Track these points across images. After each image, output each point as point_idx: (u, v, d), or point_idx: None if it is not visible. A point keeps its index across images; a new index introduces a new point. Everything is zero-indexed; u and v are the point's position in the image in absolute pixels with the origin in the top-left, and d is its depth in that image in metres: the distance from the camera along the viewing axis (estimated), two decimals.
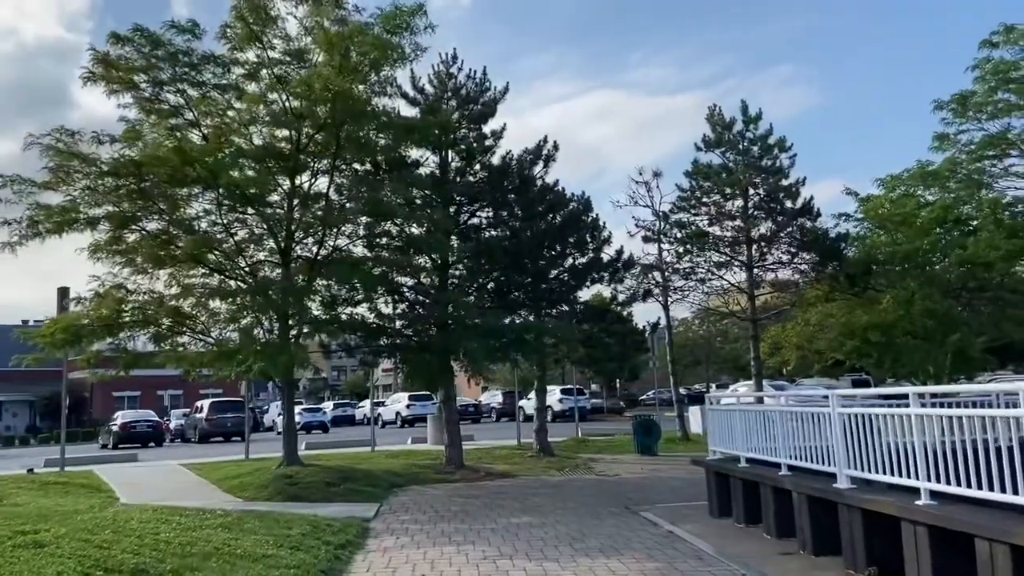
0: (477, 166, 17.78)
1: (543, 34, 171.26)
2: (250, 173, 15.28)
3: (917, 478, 6.82)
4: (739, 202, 23.21)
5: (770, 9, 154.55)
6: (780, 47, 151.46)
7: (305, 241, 16.38)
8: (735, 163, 23.27)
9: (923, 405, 7.10)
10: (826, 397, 8.88)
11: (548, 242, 18.08)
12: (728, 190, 22.65)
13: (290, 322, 15.84)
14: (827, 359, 27.42)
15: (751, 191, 22.64)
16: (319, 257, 15.70)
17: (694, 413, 28.57)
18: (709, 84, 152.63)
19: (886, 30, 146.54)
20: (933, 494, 6.70)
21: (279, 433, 45.74)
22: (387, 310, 16.99)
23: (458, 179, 17.47)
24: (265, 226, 16.26)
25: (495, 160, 17.99)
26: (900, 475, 7.08)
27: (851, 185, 25.98)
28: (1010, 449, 5.95)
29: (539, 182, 18.28)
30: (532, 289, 17.72)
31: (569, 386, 48.00)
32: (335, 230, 15.61)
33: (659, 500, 13.40)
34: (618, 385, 65.86)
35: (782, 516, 9.28)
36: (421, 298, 16.92)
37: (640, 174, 24.57)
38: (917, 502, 6.73)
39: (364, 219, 16.10)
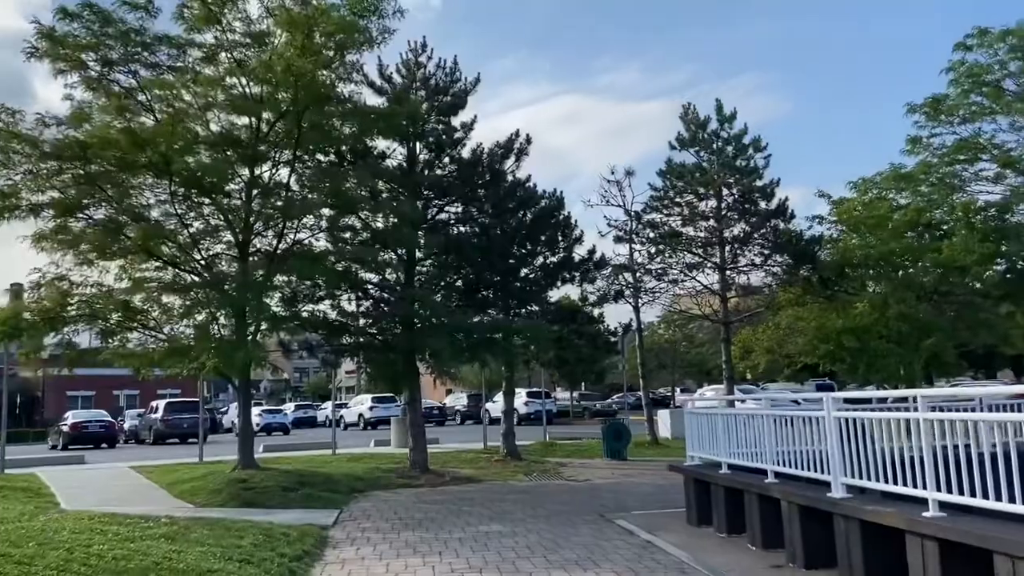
0: (446, 159, 17.10)
1: (512, 38, 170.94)
2: (206, 160, 14.42)
3: (924, 487, 6.32)
4: (712, 202, 22.88)
5: (735, 18, 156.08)
6: (745, 56, 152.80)
7: (265, 234, 15.58)
8: (709, 163, 22.92)
9: (933, 408, 6.59)
10: (797, 402, 8.43)
11: (519, 239, 17.46)
12: (702, 190, 22.28)
13: (247, 319, 15.02)
14: (797, 363, 27.24)
15: (725, 191, 22.28)
16: (278, 251, 14.89)
17: (662, 417, 28.22)
18: (677, 91, 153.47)
19: (853, 37, 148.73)
20: (942, 505, 6.20)
21: (237, 435, 44.93)
22: (350, 307, 16.25)
23: (426, 172, 16.76)
24: (222, 217, 15.42)
25: (465, 153, 17.35)
26: (905, 484, 6.57)
27: (822, 189, 25.80)
28: (1022, 456, 5.49)
29: (510, 177, 17.66)
30: (502, 288, 17.09)
31: (536, 389, 47.54)
32: (296, 222, 14.83)
33: (634, 507, 12.84)
34: (583, 388, 65.50)
35: (769, 526, 8.74)
36: (386, 295, 16.19)
37: (612, 173, 24.10)
38: (925, 514, 6.22)
39: (327, 211, 15.34)
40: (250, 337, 14.82)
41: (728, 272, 22.80)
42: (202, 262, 15.50)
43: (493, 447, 22.29)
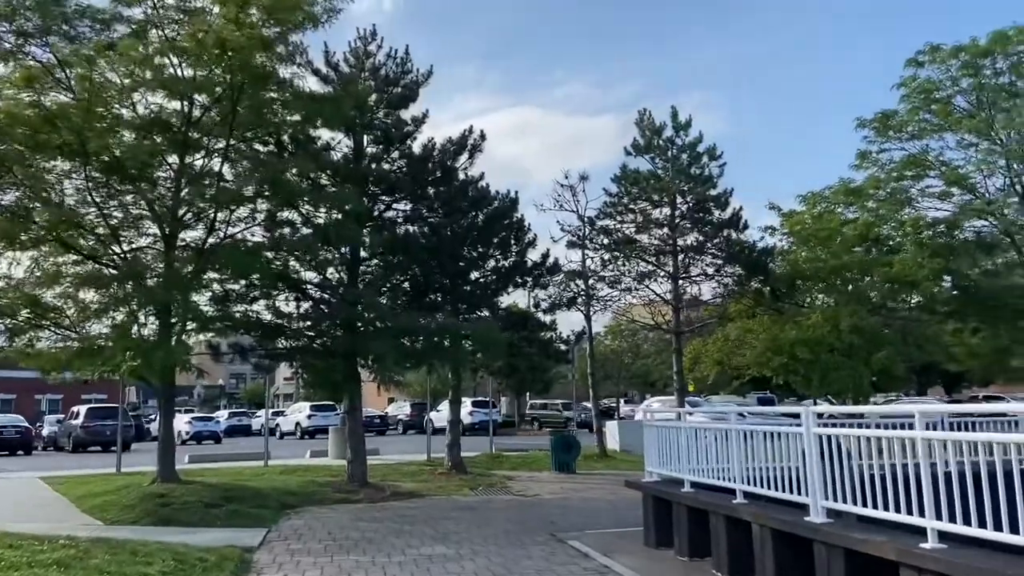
0: (395, 153, 16.14)
1: (464, 48, 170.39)
2: (129, 144, 13.23)
3: (922, 515, 5.66)
4: (666, 210, 22.39)
5: (682, 38, 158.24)
6: (691, 75, 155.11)
7: (195, 226, 14.42)
8: (664, 170, 22.45)
9: (931, 427, 5.96)
10: (743, 415, 7.77)
11: (470, 240, 16.59)
12: (656, 196, 21.75)
13: (173, 318, 13.83)
14: (745, 376, 26.93)
15: (679, 199, 21.81)
16: (208, 245, 13.75)
17: (611, 429, 27.56)
18: (624, 107, 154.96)
19: (797, 58, 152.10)
20: (942, 535, 5.55)
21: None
22: (288, 308, 15.14)
23: (373, 166, 15.78)
24: (147, 208, 14.22)
25: (415, 149, 16.39)
26: (898, 510, 5.91)
27: (773, 201, 25.53)
28: None
29: (463, 175, 16.79)
30: (451, 291, 16.18)
31: (481, 398, 46.58)
32: (229, 213, 13.70)
33: (587, 525, 12.06)
34: (528, 398, 64.81)
35: (738, 551, 8.03)
36: (327, 296, 15.14)
37: (566, 178, 23.43)
38: (923, 544, 5.56)
39: (264, 205, 14.26)
40: (173, 337, 13.64)
41: (680, 282, 22.32)
42: (124, 256, 14.24)
43: (437, 459, 21.31)
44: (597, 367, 25.21)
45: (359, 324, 13.69)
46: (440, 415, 45.70)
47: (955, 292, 20.30)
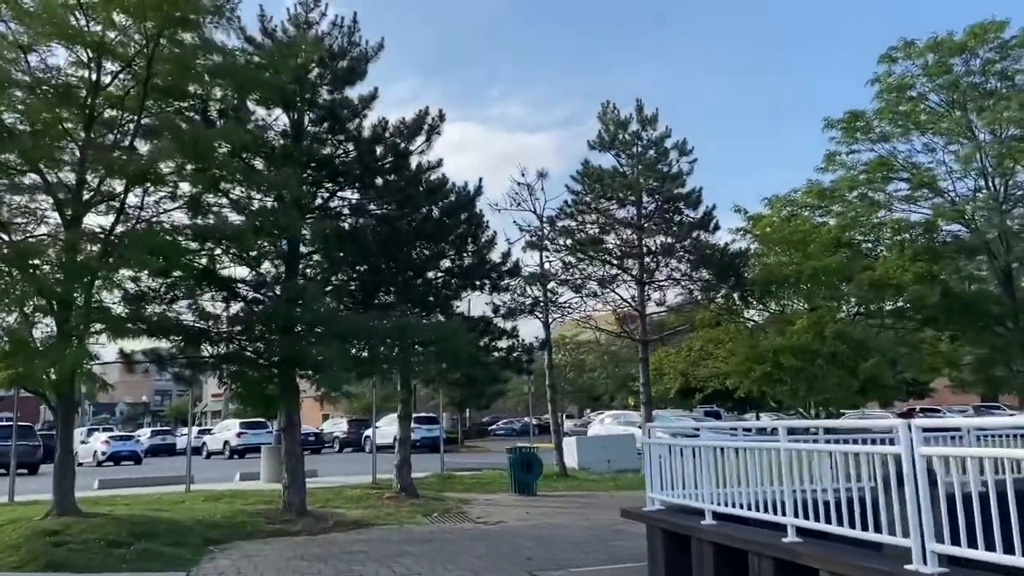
0: (341, 135, 14.15)
1: (401, 63, 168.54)
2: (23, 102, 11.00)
3: None
4: (632, 210, 20.89)
5: (615, 58, 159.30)
6: (627, 94, 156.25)
7: (101, 210, 12.17)
8: (630, 167, 20.96)
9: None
10: (697, 430, 6.14)
11: (426, 235, 14.66)
12: (622, 194, 20.23)
13: (73, 319, 11.55)
14: (708, 387, 25.60)
15: (645, 198, 20.33)
16: (117, 231, 11.53)
17: (568, 445, 25.83)
18: (560, 126, 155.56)
19: (745, 66, 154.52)
20: None
21: (80, 464, 39.35)
22: (214, 308, 12.95)
23: (316, 147, 13.76)
24: (43, 186, 11.94)
25: (365, 130, 14.41)
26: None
27: (738, 204, 24.43)
28: None
29: (417, 160, 14.88)
30: (404, 291, 14.20)
31: (424, 414, 44.37)
32: (143, 191, 11.53)
33: (571, 561, 10.27)
34: (468, 413, 62.81)
35: None
36: (260, 295, 13.02)
37: (523, 175, 21.74)
38: None
39: (187, 187, 12.11)
40: (74, 342, 11.36)
41: (647, 287, 20.80)
42: (15, 244, 11.91)
43: (383, 481, 19.22)
44: (540, 382, 23.55)
45: (298, 326, 11.60)
46: (380, 432, 43.51)
47: (943, 297, 19.33)
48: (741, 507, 7.26)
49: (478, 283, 16.48)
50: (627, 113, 21.17)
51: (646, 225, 20.01)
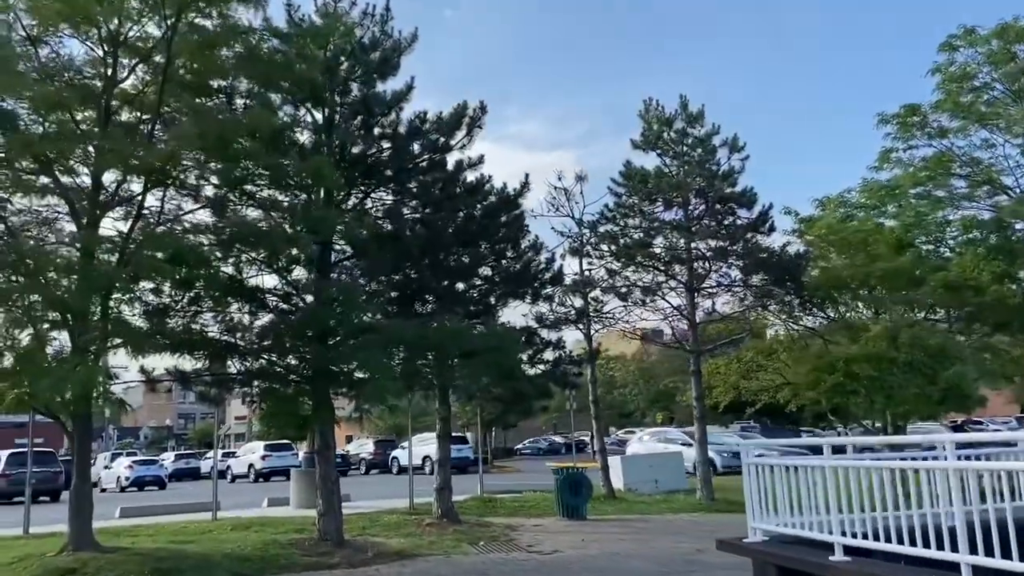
0: (376, 131, 13.03)
1: (420, 82, 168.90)
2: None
3: None
4: (679, 212, 19.62)
5: (629, 74, 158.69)
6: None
7: (117, 213, 11.13)
8: (679, 167, 19.71)
9: None
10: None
11: (469, 238, 13.45)
12: (669, 195, 18.97)
13: (88, 333, 10.48)
14: (759, 401, 24.18)
15: (693, 199, 19.06)
16: (133, 237, 10.45)
17: (615, 465, 24.40)
18: (581, 142, 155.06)
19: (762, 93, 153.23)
20: None
21: (103, 490, 38.38)
22: (242, 319, 11.83)
23: (347, 143, 12.62)
24: (56, 188, 10.92)
25: (400, 127, 13.26)
26: None
27: (788, 206, 23.20)
28: None
29: (457, 156, 13.70)
30: (445, 298, 12.97)
31: (455, 433, 43.08)
32: (163, 191, 10.47)
33: None
34: (494, 433, 61.44)
35: None
36: (290, 305, 11.86)
37: (560, 179, 20.55)
38: None
39: (212, 186, 11.06)
40: (91, 356, 10.28)
41: (696, 293, 19.48)
42: (27, 251, 10.87)
43: (420, 505, 18.00)
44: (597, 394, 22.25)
45: (336, 334, 10.40)
46: (406, 453, 42.19)
47: (1020, 299, 17.83)
48: (889, 540, 5.97)
49: (521, 291, 15.25)
50: (671, 110, 19.97)
51: (697, 226, 18.73)
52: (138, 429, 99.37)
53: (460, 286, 13.44)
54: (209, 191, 11.73)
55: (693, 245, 19.21)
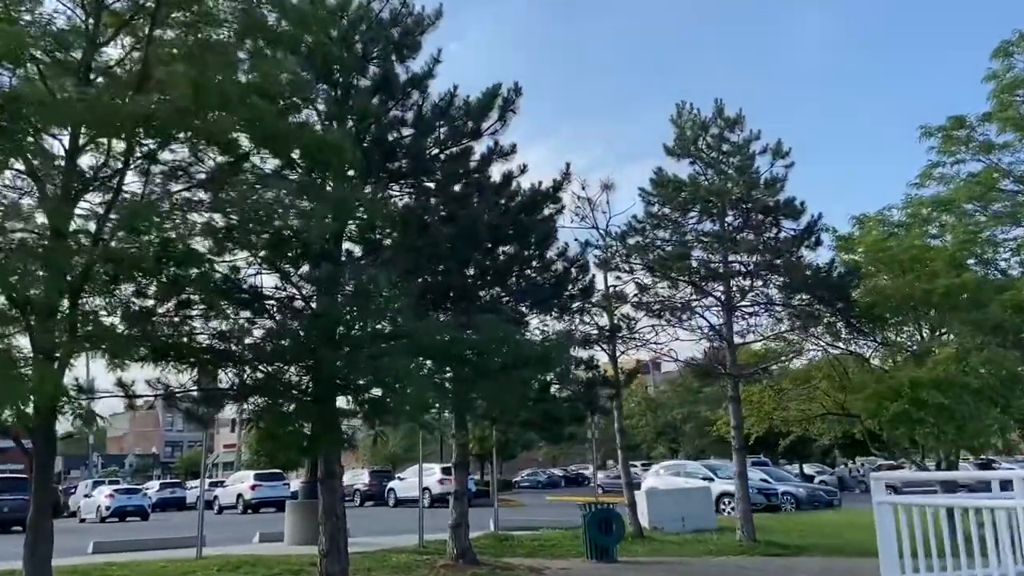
0: (396, 111, 11.41)
1: None
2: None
3: None
4: (716, 223, 18.04)
5: (630, 108, 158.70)
6: (645, 141, 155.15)
7: (94, 195, 9.39)
8: (712, 174, 18.18)
9: None
10: None
11: (500, 235, 11.72)
12: (707, 203, 17.39)
13: (56, 334, 8.73)
14: (790, 431, 22.43)
15: (730, 210, 17.47)
16: (110, 216, 8.72)
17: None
18: (582, 172, 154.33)
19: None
20: None
21: (83, 520, 36.17)
22: (237, 322, 10.06)
23: (366, 126, 10.96)
24: (22, 167, 9.21)
25: (424, 108, 11.61)
26: None
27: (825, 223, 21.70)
28: None
29: (488, 144, 12.03)
30: (474, 304, 11.17)
31: (449, 464, 41.02)
32: (146, 159, 8.76)
33: None
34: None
35: None
36: (297, 304, 10.12)
37: (583, 188, 18.95)
38: None
39: (210, 160, 9.36)
40: (57, 362, 8.53)
41: (734, 312, 17.82)
42: None
43: (431, 543, 16.14)
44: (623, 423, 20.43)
45: (351, 338, 8.58)
46: (405, 484, 40.08)
47: None
48: None
49: (553, 302, 13.53)
50: (707, 115, 18.48)
51: (737, 238, 17.10)
52: (123, 457, 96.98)
53: (496, 290, 11.68)
54: (203, 174, 10.05)
55: (731, 259, 17.60)
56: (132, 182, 9.53)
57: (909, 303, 16.30)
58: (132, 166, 9.20)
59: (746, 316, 18.29)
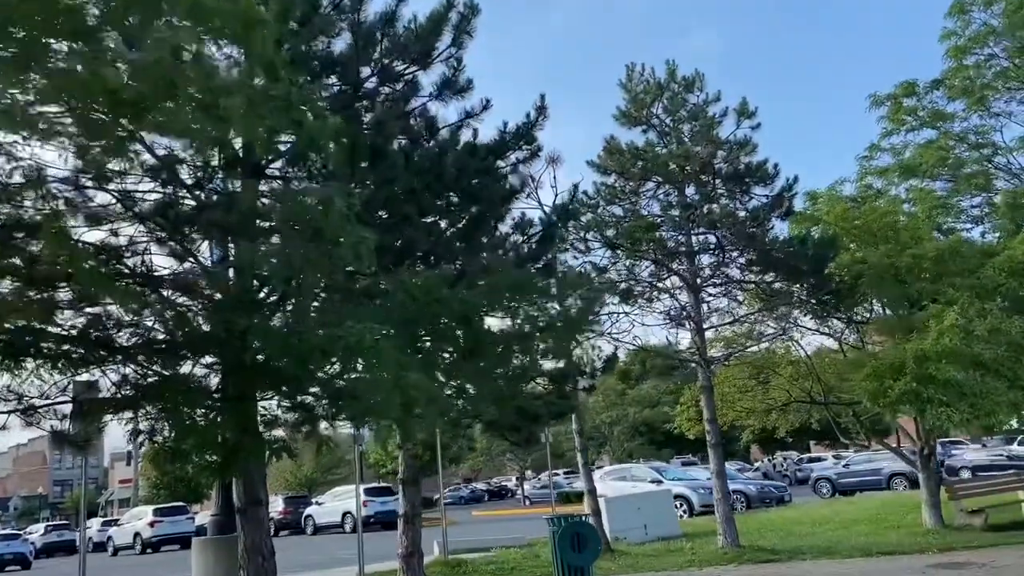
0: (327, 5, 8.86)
1: None
2: None
3: None
4: (678, 194, 16.23)
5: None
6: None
7: None
8: (670, 140, 16.39)
9: None
10: None
11: (464, 186, 9.28)
12: (675, 168, 15.55)
13: None
14: (751, 425, 20.81)
15: (702, 174, 15.69)
16: None
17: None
18: None
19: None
20: None
21: None
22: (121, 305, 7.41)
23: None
24: None
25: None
26: None
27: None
28: None
29: (440, 69, 9.58)
30: (440, 264, 8.77)
31: (378, 484, 38.06)
32: None
33: None
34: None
35: None
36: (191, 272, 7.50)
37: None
38: None
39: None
40: None
41: (701, 293, 16.03)
42: None
43: (374, 573, 13.60)
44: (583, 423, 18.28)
45: (285, 293, 6.00)
46: (325, 509, 36.86)
47: None
48: None
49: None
50: (661, 77, 16.68)
51: (705, 209, 15.30)
52: (7, 500, 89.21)
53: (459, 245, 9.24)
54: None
55: (698, 232, 15.83)
56: None
57: (890, 272, 14.81)
58: None
59: (714, 296, 16.56)
